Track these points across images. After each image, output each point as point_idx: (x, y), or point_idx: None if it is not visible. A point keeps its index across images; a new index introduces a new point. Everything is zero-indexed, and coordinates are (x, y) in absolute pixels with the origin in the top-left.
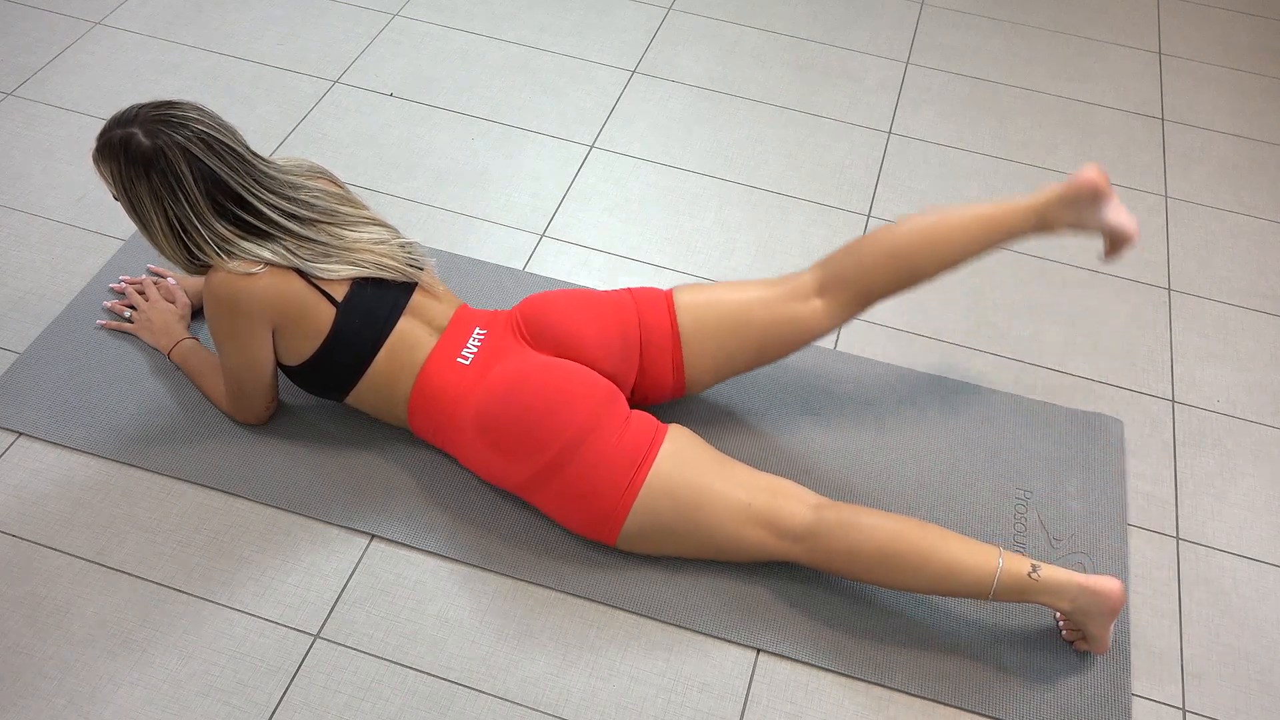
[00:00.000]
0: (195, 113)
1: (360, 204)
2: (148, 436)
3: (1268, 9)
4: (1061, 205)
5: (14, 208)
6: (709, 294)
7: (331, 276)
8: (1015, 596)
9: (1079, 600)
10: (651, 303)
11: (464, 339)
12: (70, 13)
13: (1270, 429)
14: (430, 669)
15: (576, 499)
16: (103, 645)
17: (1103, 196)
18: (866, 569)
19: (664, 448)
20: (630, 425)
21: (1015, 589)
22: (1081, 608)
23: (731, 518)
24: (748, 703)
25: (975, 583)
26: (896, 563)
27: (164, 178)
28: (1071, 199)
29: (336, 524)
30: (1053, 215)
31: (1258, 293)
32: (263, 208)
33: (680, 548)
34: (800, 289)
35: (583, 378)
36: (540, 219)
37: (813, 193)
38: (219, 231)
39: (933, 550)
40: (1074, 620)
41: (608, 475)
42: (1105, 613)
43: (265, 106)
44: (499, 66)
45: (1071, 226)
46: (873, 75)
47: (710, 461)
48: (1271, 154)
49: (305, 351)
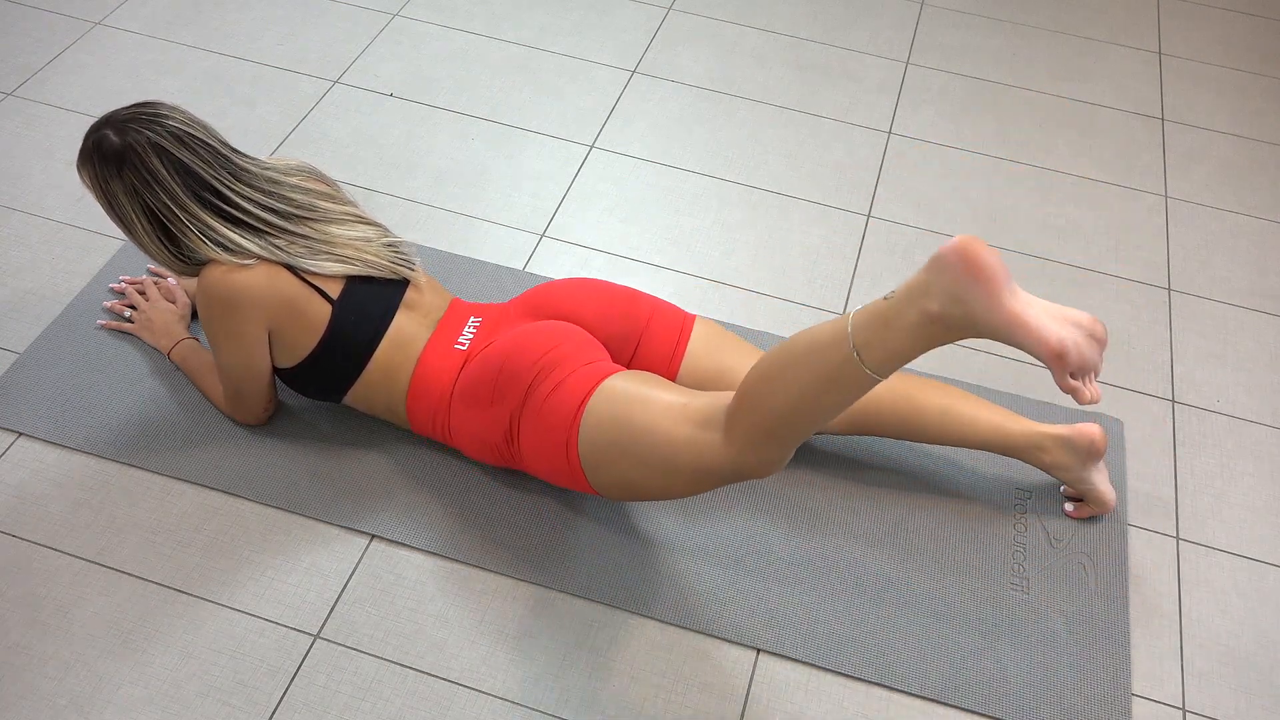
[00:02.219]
0: (168, 110)
1: (347, 201)
2: (148, 436)
3: (1268, 9)
4: (1059, 444)
5: (14, 208)
6: (725, 338)
7: (322, 272)
8: (885, 334)
9: (935, 284)
10: (668, 316)
11: (460, 328)
12: (70, 13)
13: (1270, 429)
14: (430, 669)
15: (540, 437)
16: (103, 645)
17: (1097, 456)
18: (760, 407)
19: (618, 374)
20: (596, 364)
21: (879, 320)
22: (947, 292)
23: (666, 418)
24: (748, 703)
25: (837, 338)
26: (774, 374)
27: (136, 172)
28: (1071, 444)
29: (336, 524)
30: (1047, 447)
31: (1258, 293)
32: (239, 199)
33: (634, 469)
34: None
35: (558, 325)
36: (540, 219)
37: (813, 193)
38: (201, 219)
39: (795, 339)
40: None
41: (563, 401)
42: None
43: (265, 106)
44: (499, 66)
45: (1054, 468)
46: (873, 75)
47: (663, 382)
48: (1271, 154)
49: (303, 350)
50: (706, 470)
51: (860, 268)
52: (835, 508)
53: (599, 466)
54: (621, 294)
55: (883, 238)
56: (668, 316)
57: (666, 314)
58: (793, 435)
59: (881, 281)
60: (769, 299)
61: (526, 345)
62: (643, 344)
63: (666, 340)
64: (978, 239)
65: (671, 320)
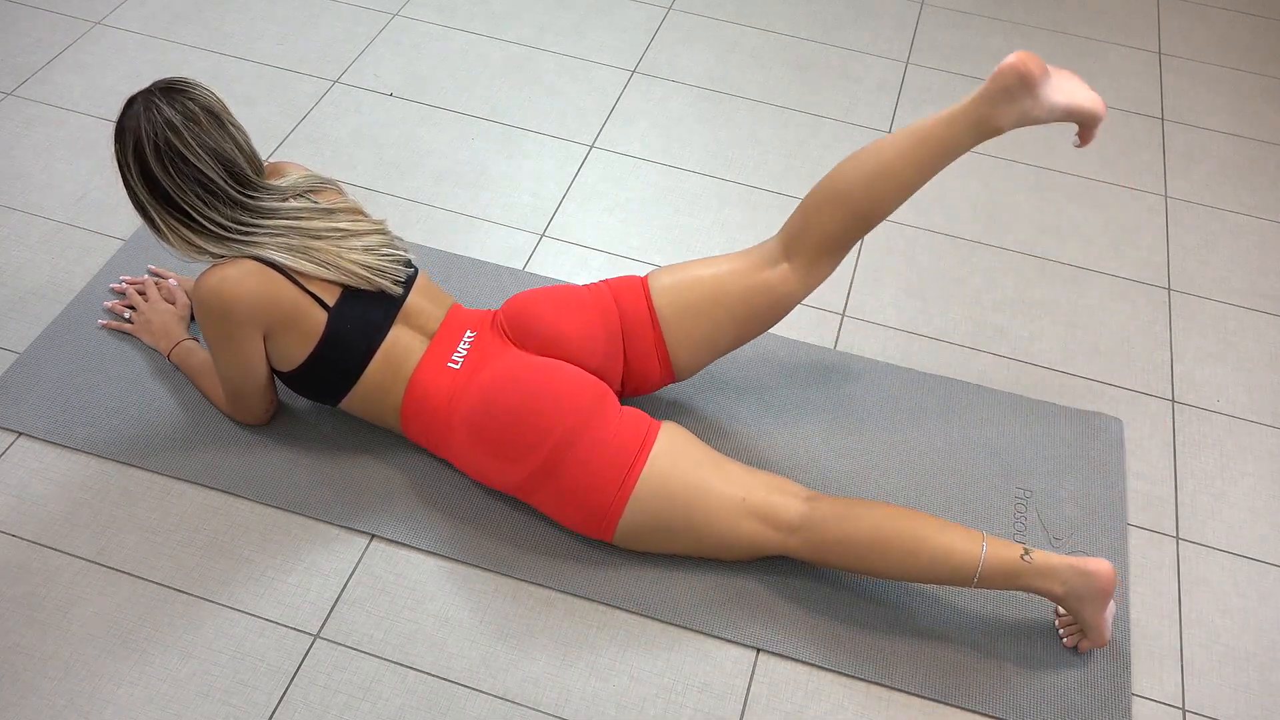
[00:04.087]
0: (200, 89)
1: (354, 212)
2: (148, 436)
3: (1268, 9)
4: (992, 102)
5: (14, 208)
6: (682, 273)
7: (321, 276)
8: (1007, 581)
9: (1071, 582)
10: (628, 290)
11: (454, 343)
12: (70, 13)
13: (1270, 429)
14: (430, 669)
15: (572, 499)
16: (103, 645)
17: (1032, 79)
18: (859, 557)
19: (658, 445)
20: (622, 422)
21: (1007, 572)
22: (1074, 590)
23: (727, 513)
24: (748, 703)
25: (965, 564)
26: (889, 548)
27: (169, 147)
28: (1001, 93)
29: (336, 524)
30: (990, 115)
31: (1258, 293)
32: (244, 199)
33: (677, 545)
34: (768, 255)
35: (569, 376)
36: (540, 219)
37: None
38: (219, 209)
39: (925, 534)
40: (1069, 605)
41: (601, 474)
42: (1098, 596)
43: (265, 106)
44: (499, 66)
45: (1019, 121)
46: (873, 75)
47: (704, 458)
48: (1271, 154)
49: (298, 356)
50: (758, 554)
51: (860, 268)
52: None
53: (636, 539)
54: (591, 305)
55: (882, 238)
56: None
57: (627, 292)
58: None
59: (882, 281)
60: None
61: (544, 405)
62: (628, 339)
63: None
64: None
65: (635, 302)
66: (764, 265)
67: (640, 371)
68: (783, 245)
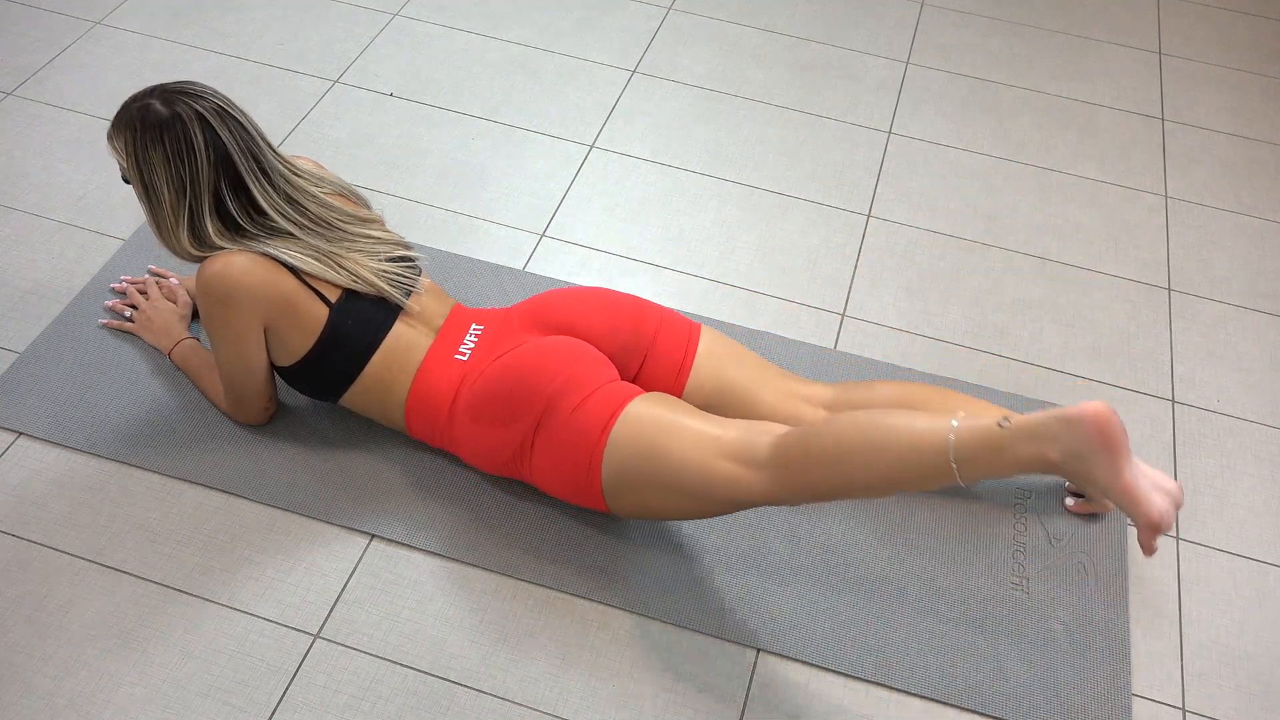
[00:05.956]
0: (211, 91)
1: (366, 219)
2: (148, 436)
3: (1268, 9)
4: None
5: (14, 208)
6: (730, 351)
7: (331, 280)
8: (993, 459)
9: (1063, 438)
10: (675, 328)
11: (460, 336)
12: (70, 13)
13: (1270, 429)
14: (430, 669)
15: (558, 457)
16: (103, 645)
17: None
18: (827, 470)
19: (640, 397)
20: (613, 385)
21: (989, 446)
22: (1071, 449)
23: (700, 450)
24: (747, 703)
25: (936, 444)
26: (854, 449)
27: (177, 143)
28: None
29: (336, 524)
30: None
31: (1258, 293)
32: (261, 200)
33: (660, 496)
34: (811, 398)
35: (571, 343)
36: (540, 219)
37: (812, 193)
38: (222, 199)
39: (888, 424)
40: (1075, 474)
41: (586, 425)
42: (1100, 447)
43: (265, 106)
44: (499, 66)
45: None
46: (873, 75)
47: (684, 407)
48: (1271, 154)
49: (299, 350)
50: (739, 502)
51: (860, 267)
52: (835, 507)
53: (622, 492)
54: (628, 305)
55: (883, 238)
56: (674, 328)
57: (673, 325)
58: (848, 498)
59: (882, 282)
60: (769, 299)
61: (541, 364)
62: (650, 357)
63: (674, 353)
64: (1111, 410)
65: (678, 332)
66: (804, 405)
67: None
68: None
